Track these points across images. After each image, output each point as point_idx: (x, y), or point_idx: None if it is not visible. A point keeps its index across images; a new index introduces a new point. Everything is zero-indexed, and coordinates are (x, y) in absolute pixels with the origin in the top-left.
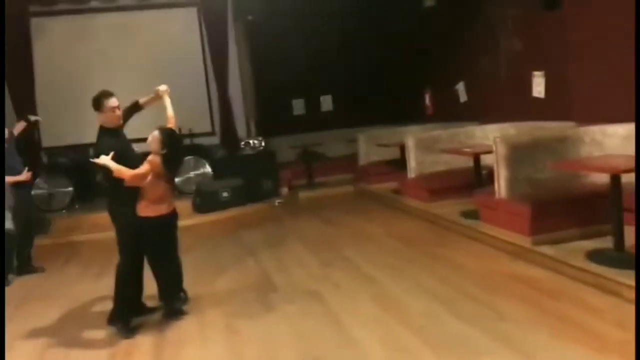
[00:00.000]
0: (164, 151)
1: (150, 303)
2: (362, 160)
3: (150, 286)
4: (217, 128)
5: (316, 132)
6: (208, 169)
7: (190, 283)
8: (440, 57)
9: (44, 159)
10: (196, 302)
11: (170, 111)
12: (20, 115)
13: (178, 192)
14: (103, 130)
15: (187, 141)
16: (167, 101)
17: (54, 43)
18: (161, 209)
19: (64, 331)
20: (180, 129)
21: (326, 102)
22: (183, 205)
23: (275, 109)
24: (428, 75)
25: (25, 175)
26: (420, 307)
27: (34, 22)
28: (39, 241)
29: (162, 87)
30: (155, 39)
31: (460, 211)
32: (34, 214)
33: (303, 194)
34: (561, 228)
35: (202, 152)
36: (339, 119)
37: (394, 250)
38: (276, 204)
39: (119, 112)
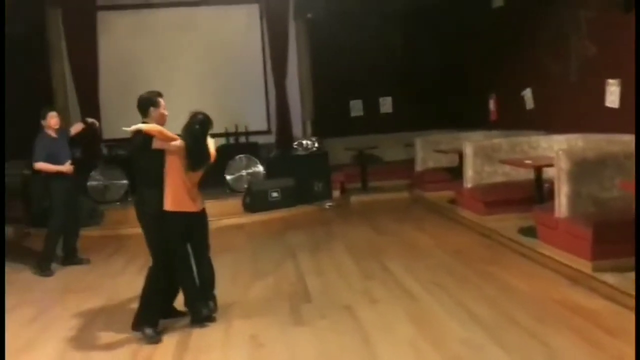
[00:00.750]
0: (188, 140)
1: (181, 307)
2: (419, 166)
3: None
4: (273, 127)
5: (373, 134)
6: (260, 167)
7: (224, 286)
8: (507, 61)
9: (104, 150)
10: (226, 308)
11: (212, 149)
12: (83, 108)
13: (229, 189)
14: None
15: (242, 139)
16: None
17: (118, 37)
18: (185, 205)
19: (93, 327)
20: (236, 126)
21: (386, 104)
22: (234, 204)
23: (332, 109)
24: (494, 79)
25: (65, 167)
26: (460, 331)
27: (101, 15)
28: (90, 232)
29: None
30: (215, 35)
31: (518, 227)
32: (77, 206)
33: (355, 198)
34: (626, 254)
35: (256, 151)
36: (398, 122)
37: (441, 265)
38: (326, 207)
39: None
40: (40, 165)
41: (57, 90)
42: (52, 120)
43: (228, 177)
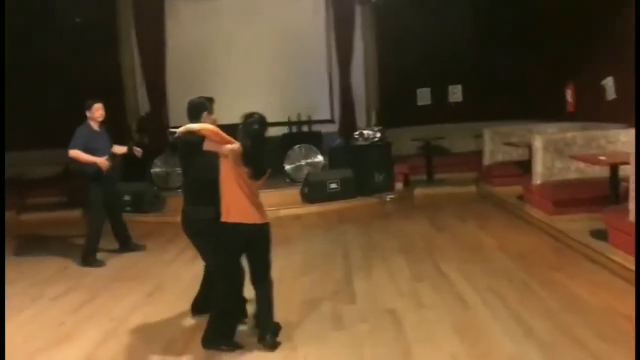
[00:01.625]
0: (247, 143)
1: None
2: (487, 159)
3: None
4: (337, 116)
5: (441, 124)
6: (319, 158)
7: None
8: (587, 47)
9: (169, 138)
10: None
11: None
12: (151, 96)
13: (289, 179)
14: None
15: (304, 128)
16: None
17: (185, 24)
18: (246, 216)
19: (134, 316)
20: (299, 115)
21: (455, 93)
22: (292, 194)
23: (398, 98)
24: (571, 66)
25: (101, 160)
26: (510, 347)
27: (168, 2)
28: (151, 218)
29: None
30: (280, 21)
31: (589, 229)
32: (116, 198)
33: (419, 191)
34: None
35: (319, 140)
36: (468, 112)
37: (500, 270)
38: (387, 199)
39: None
40: (75, 152)
41: (126, 79)
42: (97, 112)
43: (287, 167)
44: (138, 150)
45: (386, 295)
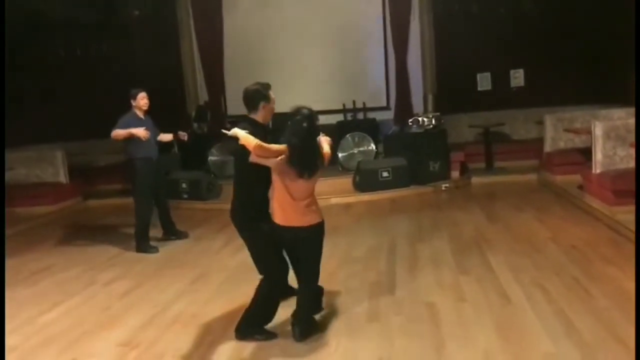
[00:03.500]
0: (293, 141)
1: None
2: (548, 146)
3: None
4: (393, 103)
5: (502, 110)
6: (372, 146)
7: None
8: None
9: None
10: None
11: (326, 149)
12: (210, 85)
13: (341, 168)
14: (254, 123)
15: (359, 115)
16: (325, 143)
17: (242, 13)
18: (284, 218)
19: (174, 305)
20: (354, 102)
21: (517, 77)
22: (344, 182)
23: (457, 83)
24: None
25: (137, 130)
26: (549, 346)
27: None
28: (207, 206)
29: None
30: (336, 5)
31: None
32: (161, 184)
33: (476, 180)
34: None
35: (373, 128)
36: (531, 97)
37: (550, 263)
38: (442, 188)
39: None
40: (115, 132)
41: (185, 68)
42: (143, 100)
43: (340, 155)
44: (183, 135)
45: (427, 288)
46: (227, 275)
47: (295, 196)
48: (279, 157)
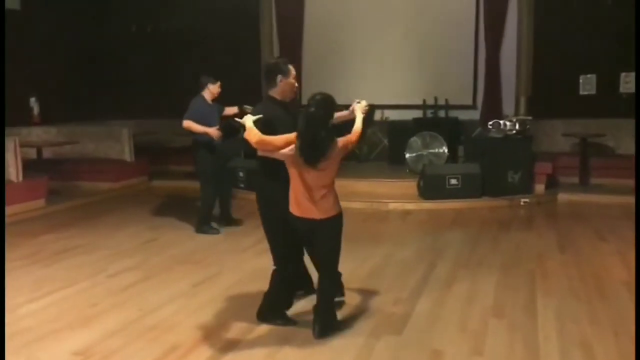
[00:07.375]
0: (301, 125)
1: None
2: None
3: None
4: (480, 102)
5: (605, 118)
6: (444, 148)
7: None
8: None
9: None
10: (305, 314)
11: (358, 124)
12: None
13: (408, 170)
14: (273, 101)
15: (441, 113)
16: (359, 117)
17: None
18: (299, 209)
19: (159, 312)
20: (435, 99)
21: (629, 82)
22: (407, 187)
23: (555, 84)
24: None
25: (213, 130)
26: None
27: None
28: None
29: (362, 103)
30: None
31: None
32: (227, 172)
33: (564, 196)
34: None
35: (455, 128)
36: None
37: (613, 319)
38: (521, 203)
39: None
40: (188, 123)
41: (263, 52)
42: (217, 89)
43: (407, 156)
44: (249, 109)
45: (443, 330)
46: (237, 280)
47: (309, 186)
48: (289, 148)
